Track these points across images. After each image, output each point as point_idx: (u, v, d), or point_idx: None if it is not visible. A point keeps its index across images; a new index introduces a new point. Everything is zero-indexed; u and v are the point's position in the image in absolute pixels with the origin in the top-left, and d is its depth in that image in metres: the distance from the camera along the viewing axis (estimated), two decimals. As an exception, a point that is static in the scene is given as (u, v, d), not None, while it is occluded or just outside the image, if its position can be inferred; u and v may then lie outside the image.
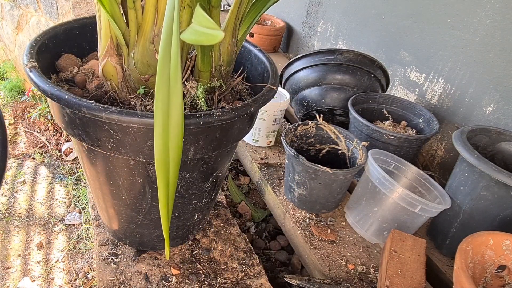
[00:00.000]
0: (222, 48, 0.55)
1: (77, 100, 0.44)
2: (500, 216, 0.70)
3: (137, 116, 0.44)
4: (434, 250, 0.82)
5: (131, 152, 0.50)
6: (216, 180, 0.64)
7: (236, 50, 0.58)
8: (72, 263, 1.28)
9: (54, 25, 0.60)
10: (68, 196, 1.58)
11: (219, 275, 0.69)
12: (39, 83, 0.47)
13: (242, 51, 0.70)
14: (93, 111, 0.44)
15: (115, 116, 0.43)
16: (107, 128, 0.47)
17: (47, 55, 0.57)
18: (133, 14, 0.49)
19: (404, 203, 0.72)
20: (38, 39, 0.55)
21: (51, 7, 1.72)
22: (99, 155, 0.54)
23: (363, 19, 1.36)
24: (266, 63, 0.64)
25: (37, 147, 1.83)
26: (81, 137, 0.51)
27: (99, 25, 0.51)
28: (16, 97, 2.19)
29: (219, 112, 0.47)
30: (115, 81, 0.54)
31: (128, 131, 0.47)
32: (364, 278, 0.72)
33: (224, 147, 0.55)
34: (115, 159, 0.53)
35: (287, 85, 1.18)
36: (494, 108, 0.94)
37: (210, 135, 0.51)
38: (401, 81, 1.22)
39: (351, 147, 0.86)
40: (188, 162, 0.55)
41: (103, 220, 0.72)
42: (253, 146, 1.06)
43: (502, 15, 0.90)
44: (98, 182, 0.59)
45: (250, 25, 0.57)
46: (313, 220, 0.84)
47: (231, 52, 0.57)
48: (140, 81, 0.54)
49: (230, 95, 0.62)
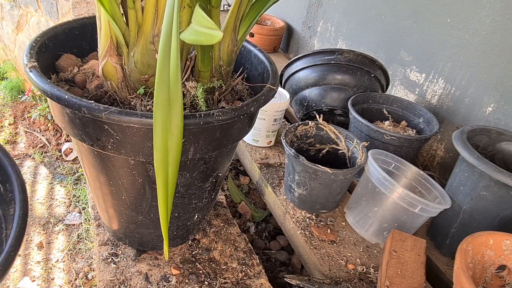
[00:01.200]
0: (222, 48, 0.55)
1: (77, 100, 0.44)
2: (500, 216, 0.70)
3: (136, 116, 0.44)
4: (434, 250, 0.82)
5: (131, 152, 0.50)
6: (216, 180, 0.64)
7: (236, 50, 0.58)
8: (72, 263, 1.28)
9: (54, 25, 0.60)
10: (68, 196, 1.58)
11: (219, 275, 0.69)
12: (39, 83, 0.47)
13: (242, 51, 0.70)
14: (93, 111, 0.44)
15: (115, 116, 0.43)
16: (107, 128, 0.47)
17: (47, 55, 0.57)
18: (133, 14, 0.49)
19: (404, 203, 0.72)
20: (38, 39, 0.55)
21: (51, 7, 1.72)
22: (99, 155, 0.54)
23: (363, 19, 1.36)
24: (266, 63, 0.64)
25: (37, 147, 1.83)
26: (81, 137, 0.51)
27: (99, 25, 0.51)
28: (16, 97, 2.19)
29: (219, 112, 0.47)
30: (115, 81, 0.54)
31: (128, 131, 0.47)
32: (364, 278, 0.72)
33: (224, 147, 0.55)
34: (115, 159, 0.53)
35: (287, 85, 1.18)
36: (494, 108, 0.94)
37: (210, 135, 0.51)
38: (401, 81, 1.22)
39: (351, 147, 0.86)
40: (188, 162, 0.55)
41: (103, 220, 0.72)
42: (253, 146, 1.06)
43: (502, 15, 0.90)
44: (98, 182, 0.59)
45: (250, 25, 0.57)
46: (313, 220, 0.84)
47: (231, 52, 0.57)
48: (140, 81, 0.54)
49: (230, 95, 0.62)
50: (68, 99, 0.44)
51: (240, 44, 0.59)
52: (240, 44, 0.59)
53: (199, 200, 0.64)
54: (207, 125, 0.47)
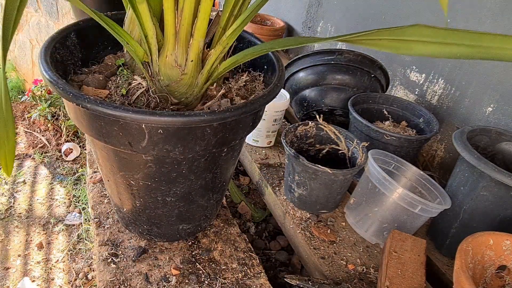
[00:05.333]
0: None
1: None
2: (500, 216, 0.70)
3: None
4: (434, 250, 0.82)
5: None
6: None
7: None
8: (72, 263, 1.28)
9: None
10: (68, 196, 1.58)
11: (219, 276, 0.69)
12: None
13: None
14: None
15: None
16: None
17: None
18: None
19: (404, 203, 0.72)
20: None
21: (51, 7, 1.72)
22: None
23: (363, 19, 1.36)
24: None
25: (37, 147, 1.83)
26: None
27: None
28: (16, 97, 2.19)
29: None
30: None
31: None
32: (364, 279, 0.72)
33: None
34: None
35: (287, 85, 1.18)
36: (494, 108, 0.94)
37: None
38: (401, 81, 1.22)
39: (351, 147, 0.86)
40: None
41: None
42: (253, 146, 1.06)
43: (502, 15, 0.90)
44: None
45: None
46: (313, 220, 0.84)
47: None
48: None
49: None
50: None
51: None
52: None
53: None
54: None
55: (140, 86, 0.54)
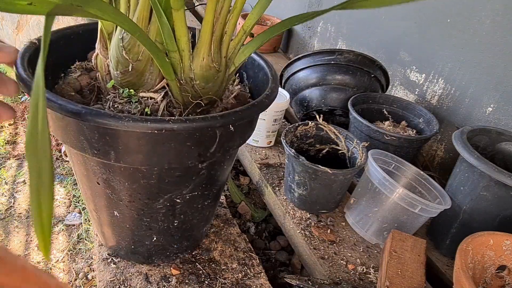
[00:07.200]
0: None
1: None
2: (500, 216, 0.70)
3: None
4: (434, 250, 0.82)
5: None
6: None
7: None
8: (72, 263, 1.28)
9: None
10: (68, 196, 1.58)
11: (219, 276, 0.69)
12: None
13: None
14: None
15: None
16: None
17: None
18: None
19: (404, 204, 0.72)
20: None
21: (51, 7, 1.72)
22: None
23: (363, 19, 1.36)
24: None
25: (37, 147, 1.83)
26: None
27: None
28: (16, 97, 2.19)
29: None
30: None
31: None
32: (364, 279, 0.72)
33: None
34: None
35: (287, 86, 1.18)
36: (494, 108, 0.94)
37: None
38: (401, 81, 1.22)
39: (351, 147, 0.86)
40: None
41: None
42: (253, 147, 1.06)
43: (502, 15, 0.90)
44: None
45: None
46: (313, 220, 0.84)
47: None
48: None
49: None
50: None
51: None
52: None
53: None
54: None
55: (155, 101, 0.52)
